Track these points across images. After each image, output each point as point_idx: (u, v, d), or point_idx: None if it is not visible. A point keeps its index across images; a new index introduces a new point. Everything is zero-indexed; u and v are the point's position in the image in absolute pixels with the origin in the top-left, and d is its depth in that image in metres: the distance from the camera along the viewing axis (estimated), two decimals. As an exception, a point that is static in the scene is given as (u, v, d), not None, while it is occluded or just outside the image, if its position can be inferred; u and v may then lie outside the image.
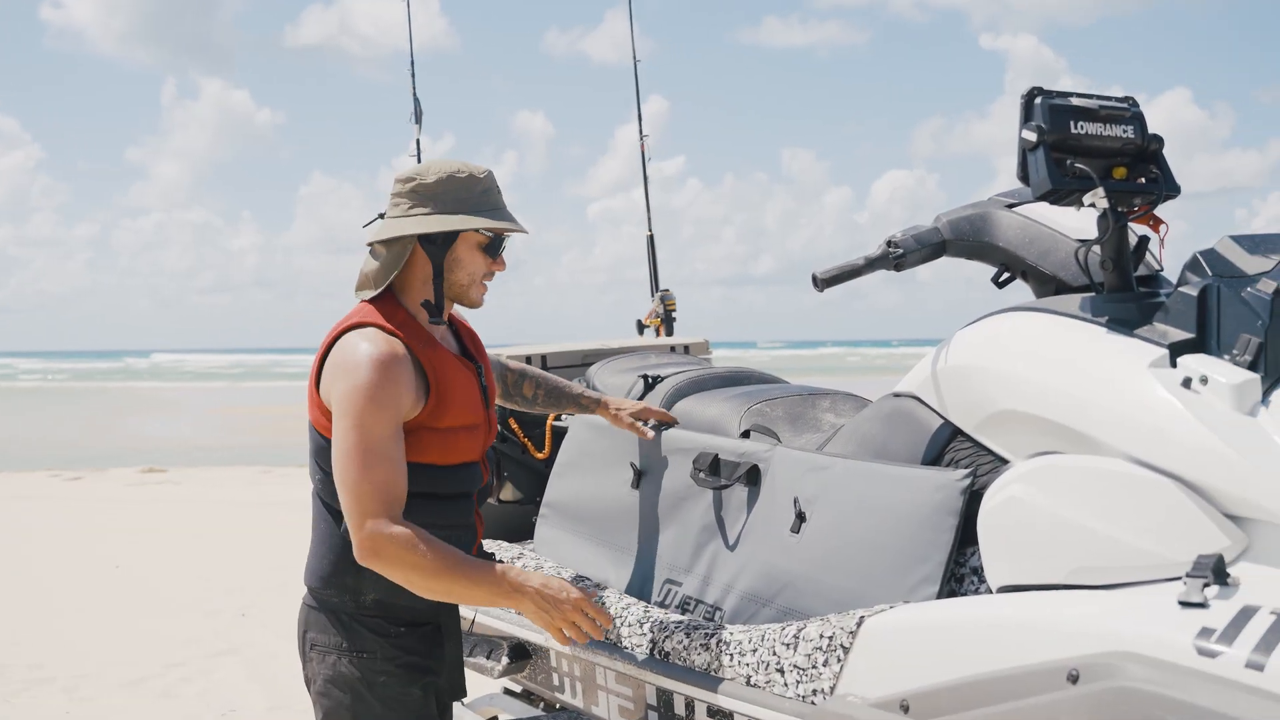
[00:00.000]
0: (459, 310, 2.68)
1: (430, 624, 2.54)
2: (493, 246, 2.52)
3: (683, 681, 2.54)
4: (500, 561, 2.59)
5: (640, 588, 2.98)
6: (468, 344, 2.69)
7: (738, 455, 2.79)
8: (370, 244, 2.53)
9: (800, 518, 2.58)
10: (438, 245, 2.47)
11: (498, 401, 2.97)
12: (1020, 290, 2.59)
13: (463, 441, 2.51)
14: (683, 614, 2.78)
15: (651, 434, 3.04)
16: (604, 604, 2.87)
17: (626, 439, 3.13)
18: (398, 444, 2.36)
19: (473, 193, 2.48)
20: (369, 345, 2.37)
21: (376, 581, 2.40)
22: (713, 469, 2.83)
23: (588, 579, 3.12)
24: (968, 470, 2.32)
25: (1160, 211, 2.31)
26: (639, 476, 3.08)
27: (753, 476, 2.74)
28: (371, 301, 2.50)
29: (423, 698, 2.52)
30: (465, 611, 3.30)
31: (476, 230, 2.47)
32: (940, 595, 2.26)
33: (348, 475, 2.32)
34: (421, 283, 2.51)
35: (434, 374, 2.44)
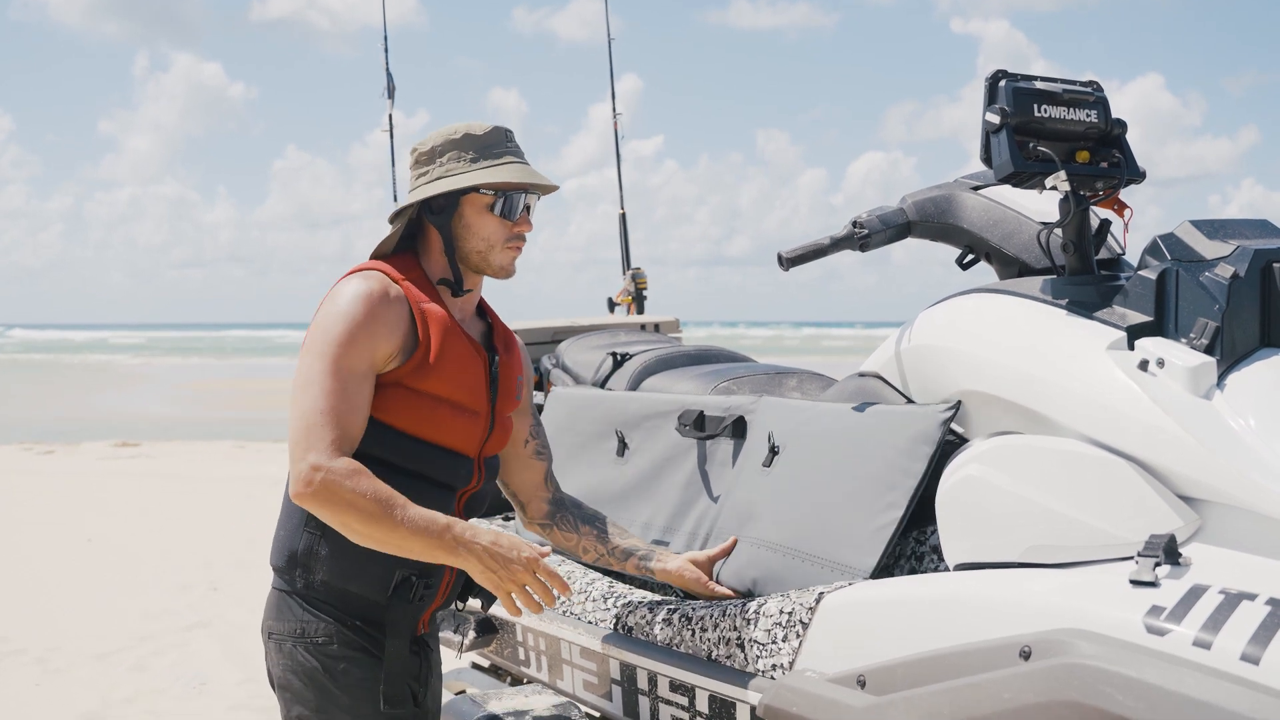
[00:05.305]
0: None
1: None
2: (505, 207, 2.31)
3: (645, 656, 2.56)
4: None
5: None
6: (496, 340, 2.48)
7: (723, 410, 2.80)
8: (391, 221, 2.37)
9: (773, 451, 2.57)
10: (442, 214, 2.31)
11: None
12: (985, 271, 2.61)
13: (446, 419, 2.29)
14: None
15: (727, 591, 2.53)
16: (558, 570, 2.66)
17: (605, 409, 3.13)
18: (362, 386, 2.18)
19: (468, 151, 2.30)
20: (361, 281, 2.22)
21: (327, 561, 2.25)
22: (698, 424, 2.83)
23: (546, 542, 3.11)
24: (952, 405, 2.29)
25: (1132, 197, 2.32)
26: (623, 445, 3.07)
27: (739, 428, 2.74)
28: (389, 259, 2.33)
29: None
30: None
31: (476, 190, 2.28)
32: (903, 523, 2.25)
33: (301, 401, 2.14)
34: (439, 255, 2.35)
35: (425, 330, 2.25)
